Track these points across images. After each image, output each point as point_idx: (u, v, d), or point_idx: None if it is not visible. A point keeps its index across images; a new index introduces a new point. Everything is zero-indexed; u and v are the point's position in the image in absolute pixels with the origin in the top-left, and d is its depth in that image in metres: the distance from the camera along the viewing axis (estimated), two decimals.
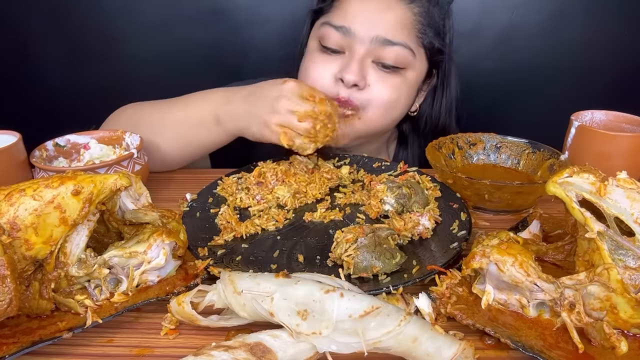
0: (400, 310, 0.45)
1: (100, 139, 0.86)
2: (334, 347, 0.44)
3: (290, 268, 0.59)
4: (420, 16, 0.88)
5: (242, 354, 0.43)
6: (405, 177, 0.75)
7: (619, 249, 0.47)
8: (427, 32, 0.89)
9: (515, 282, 0.48)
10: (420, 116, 1.01)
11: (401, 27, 0.86)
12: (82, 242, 0.52)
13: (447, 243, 0.63)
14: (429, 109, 1.00)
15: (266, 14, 1.33)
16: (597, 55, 1.37)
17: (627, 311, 0.46)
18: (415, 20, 0.87)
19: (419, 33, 0.88)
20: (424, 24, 0.88)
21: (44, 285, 0.50)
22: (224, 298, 0.48)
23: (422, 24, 0.88)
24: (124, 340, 0.50)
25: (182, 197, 0.77)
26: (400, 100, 0.91)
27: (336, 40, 0.87)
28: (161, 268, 0.55)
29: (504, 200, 0.74)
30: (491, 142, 0.89)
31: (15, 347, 0.45)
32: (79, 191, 0.50)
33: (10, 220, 0.47)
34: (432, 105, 1.00)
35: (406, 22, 0.86)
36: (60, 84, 1.41)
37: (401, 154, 1.08)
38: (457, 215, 0.69)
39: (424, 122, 1.02)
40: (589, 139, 0.81)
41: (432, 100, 1.00)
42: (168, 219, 0.59)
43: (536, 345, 0.46)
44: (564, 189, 0.51)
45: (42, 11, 1.32)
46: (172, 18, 1.33)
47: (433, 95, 1.00)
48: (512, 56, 1.37)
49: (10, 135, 0.80)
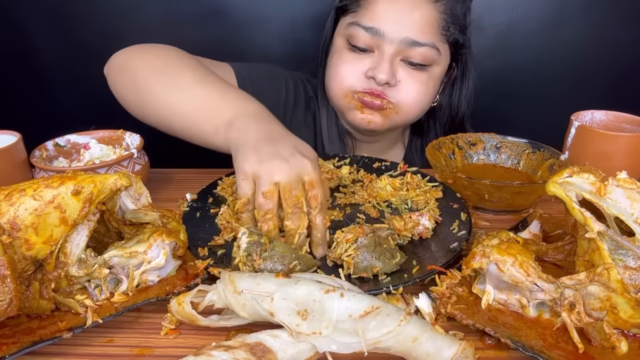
0: (400, 310, 0.45)
1: (100, 139, 0.86)
2: (334, 347, 0.44)
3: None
4: (445, 14, 0.90)
5: (242, 354, 0.43)
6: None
7: (619, 249, 0.47)
8: (451, 29, 0.91)
9: (515, 282, 0.48)
10: (440, 107, 1.05)
11: (428, 27, 0.89)
12: (82, 242, 0.52)
13: (447, 243, 0.63)
14: (448, 100, 1.05)
15: (266, 14, 1.33)
16: (597, 55, 1.37)
17: (627, 311, 0.46)
18: (440, 18, 0.90)
19: (443, 30, 0.91)
20: (449, 21, 0.91)
21: (44, 285, 0.50)
22: (224, 298, 0.48)
23: (447, 21, 0.90)
24: (124, 340, 0.50)
25: (182, 197, 0.77)
26: (427, 95, 0.96)
27: (365, 40, 0.90)
28: (161, 268, 0.55)
29: (504, 200, 0.74)
30: (491, 142, 0.89)
31: (15, 347, 0.45)
32: (79, 191, 0.50)
33: (11, 220, 0.47)
34: (450, 96, 1.05)
35: (432, 21, 0.89)
36: (60, 84, 1.41)
37: (416, 142, 1.13)
38: (457, 215, 0.69)
39: (443, 112, 1.06)
40: (589, 139, 0.81)
41: (451, 91, 1.04)
42: (168, 219, 0.59)
43: (536, 345, 0.46)
44: (564, 189, 0.51)
45: (42, 11, 1.32)
46: (172, 18, 1.32)
47: (452, 86, 1.04)
48: (512, 56, 1.37)
49: (10, 135, 0.80)
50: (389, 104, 0.92)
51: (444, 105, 1.05)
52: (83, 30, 1.34)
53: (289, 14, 1.32)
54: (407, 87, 0.92)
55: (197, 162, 0.95)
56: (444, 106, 1.06)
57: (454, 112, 1.06)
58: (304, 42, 1.34)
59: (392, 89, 0.92)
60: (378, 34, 0.88)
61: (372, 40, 0.89)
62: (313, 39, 1.34)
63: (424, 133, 1.11)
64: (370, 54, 0.91)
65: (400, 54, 0.90)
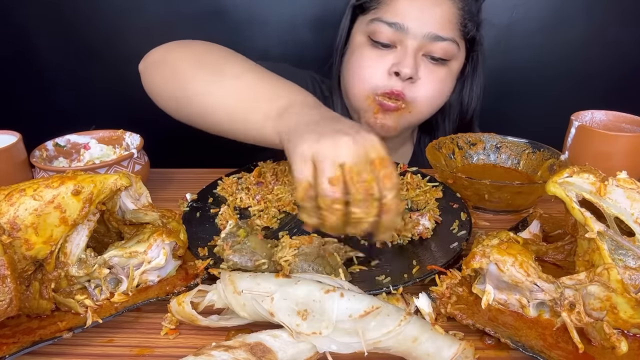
0: (400, 310, 0.45)
1: (100, 139, 0.86)
2: (334, 347, 0.44)
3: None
4: (462, 10, 0.91)
5: (242, 354, 0.43)
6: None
7: (619, 249, 0.47)
8: (468, 25, 0.93)
9: (515, 282, 0.48)
10: (450, 104, 1.06)
11: (448, 23, 0.90)
12: (82, 242, 0.52)
13: (447, 243, 0.63)
14: (458, 96, 1.05)
15: (266, 14, 1.33)
16: (597, 55, 1.37)
17: (627, 311, 0.46)
18: (459, 15, 0.91)
19: (461, 27, 0.92)
20: (466, 17, 0.92)
21: (44, 285, 0.50)
22: (224, 298, 0.48)
23: (465, 17, 0.92)
24: (124, 340, 0.50)
25: (182, 197, 0.77)
26: (445, 91, 0.96)
27: (388, 35, 0.90)
28: (161, 268, 0.55)
29: (504, 200, 0.74)
30: (491, 142, 0.89)
31: (15, 347, 0.45)
32: (79, 191, 0.50)
33: (11, 220, 0.47)
34: (460, 92, 1.05)
35: (452, 17, 0.90)
36: (60, 84, 1.41)
37: (424, 139, 1.13)
38: (457, 215, 0.69)
39: (453, 109, 1.07)
40: (589, 139, 0.81)
41: (461, 88, 1.05)
42: (168, 219, 0.59)
43: (536, 345, 0.46)
44: (564, 189, 0.51)
45: (42, 11, 1.32)
46: (172, 18, 1.32)
47: (462, 83, 1.04)
48: (512, 56, 1.37)
49: (10, 135, 0.80)
50: (402, 104, 0.92)
51: (454, 102, 1.06)
52: (83, 30, 1.33)
53: (289, 15, 1.32)
54: (426, 83, 0.92)
55: (197, 162, 0.95)
56: (454, 103, 1.06)
57: (464, 109, 1.07)
58: (304, 43, 1.34)
59: (412, 86, 0.92)
60: (402, 29, 0.89)
61: (395, 36, 0.90)
62: (313, 39, 1.35)
63: (433, 131, 1.11)
64: (393, 49, 0.91)
65: (423, 48, 0.90)
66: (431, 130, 1.12)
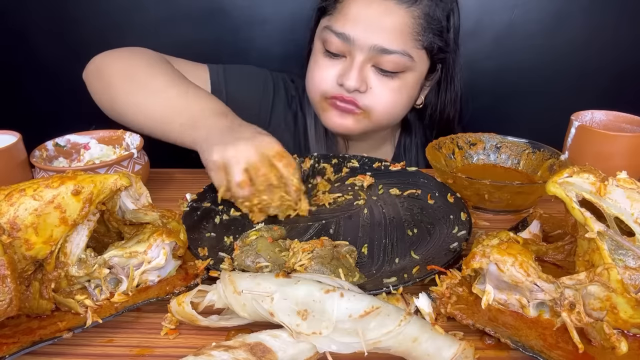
0: (400, 310, 0.45)
1: (100, 139, 0.86)
2: (334, 347, 0.44)
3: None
4: (420, 19, 0.88)
5: (242, 354, 0.43)
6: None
7: (619, 249, 0.47)
8: (427, 34, 0.89)
9: (515, 282, 0.48)
10: (426, 107, 1.04)
11: (399, 34, 0.86)
12: (82, 242, 0.52)
13: (447, 243, 0.63)
14: (435, 99, 1.04)
15: (266, 14, 1.33)
16: (597, 55, 1.37)
17: (627, 311, 0.46)
18: (415, 24, 0.87)
19: (418, 36, 0.88)
20: (425, 26, 0.88)
21: (44, 285, 0.50)
22: (224, 298, 0.48)
23: (423, 26, 0.88)
24: (124, 340, 0.50)
25: (182, 197, 0.77)
26: (400, 101, 0.94)
27: (337, 45, 0.89)
28: (161, 268, 0.55)
29: (504, 200, 0.74)
30: (491, 142, 0.89)
31: (15, 347, 0.45)
32: (79, 191, 0.50)
33: (11, 220, 0.47)
34: (437, 96, 1.03)
35: (404, 27, 0.87)
36: (60, 84, 1.40)
37: (405, 141, 1.12)
38: (457, 215, 0.69)
39: (430, 113, 1.05)
40: (589, 139, 0.81)
41: (437, 92, 1.03)
42: (168, 219, 0.59)
43: (536, 345, 0.46)
44: (564, 189, 0.51)
45: (42, 11, 1.32)
46: (172, 17, 1.32)
47: (438, 87, 1.02)
48: (512, 56, 1.37)
49: (10, 135, 0.80)
50: (357, 109, 0.91)
51: (431, 105, 1.04)
52: (83, 30, 1.33)
53: (289, 14, 1.32)
54: (378, 93, 0.90)
55: (197, 162, 0.95)
56: (431, 107, 1.04)
57: (439, 114, 1.04)
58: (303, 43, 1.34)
59: (364, 94, 0.90)
60: (348, 40, 0.87)
61: (343, 46, 0.88)
62: None
63: (412, 133, 1.11)
64: (343, 59, 0.90)
65: (371, 60, 0.88)
66: (410, 132, 1.11)
